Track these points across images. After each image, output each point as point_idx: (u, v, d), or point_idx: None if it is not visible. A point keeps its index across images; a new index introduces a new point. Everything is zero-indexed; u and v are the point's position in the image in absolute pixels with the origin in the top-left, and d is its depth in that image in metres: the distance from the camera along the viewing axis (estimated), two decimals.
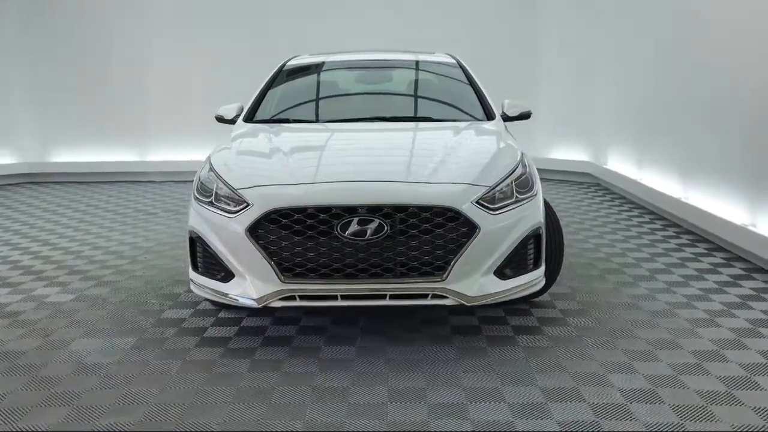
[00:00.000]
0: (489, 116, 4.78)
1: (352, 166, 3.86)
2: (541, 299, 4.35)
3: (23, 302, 4.48)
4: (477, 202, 3.49)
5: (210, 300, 4.01)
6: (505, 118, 4.86)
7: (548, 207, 4.10)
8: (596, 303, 4.36)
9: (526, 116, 4.95)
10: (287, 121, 4.83)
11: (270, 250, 3.44)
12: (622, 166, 8.38)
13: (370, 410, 2.99)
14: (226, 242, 3.55)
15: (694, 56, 6.39)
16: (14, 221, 7.17)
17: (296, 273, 3.44)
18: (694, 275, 4.93)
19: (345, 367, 3.43)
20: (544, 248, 3.83)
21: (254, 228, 3.44)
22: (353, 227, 3.38)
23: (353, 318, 4.08)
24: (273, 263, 3.43)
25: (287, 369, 3.41)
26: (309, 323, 4.03)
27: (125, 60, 9.96)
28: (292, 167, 3.76)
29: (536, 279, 3.79)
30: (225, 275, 3.62)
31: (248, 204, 3.50)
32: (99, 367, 3.45)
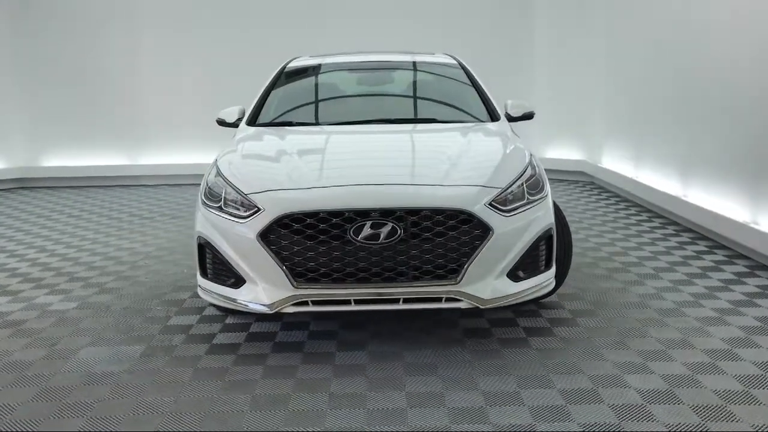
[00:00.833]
0: (493, 117, 4.76)
1: (363, 169, 3.81)
2: (549, 300, 4.34)
3: (25, 311, 4.41)
4: (490, 204, 3.47)
5: (216, 306, 3.97)
6: (509, 119, 4.84)
7: (556, 207, 4.09)
8: (604, 302, 4.36)
9: (530, 116, 4.93)
10: (291, 124, 4.75)
11: (282, 256, 3.40)
12: (618, 164, 8.40)
13: (390, 416, 2.96)
14: (237, 248, 3.51)
15: (690, 52, 6.41)
16: (7, 227, 7.06)
17: (309, 278, 3.41)
18: (698, 273, 4.94)
19: (360, 373, 3.40)
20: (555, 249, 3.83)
21: (266, 233, 3.40)
22: (366, 231, 3.34)
23: (361, 322, 4.05)
24: (285, 268, 3.40)
25: (301, 375, 3.38)
26: (318, 328, 3.99)
27: (116, 62, 9.85)
28: (302, 171, 3.72)
29: (548, 280, 3.78)
30: (235, 281, 3.58)
31: (259, 209, 3.45)
32: (109, 377, 3.40)
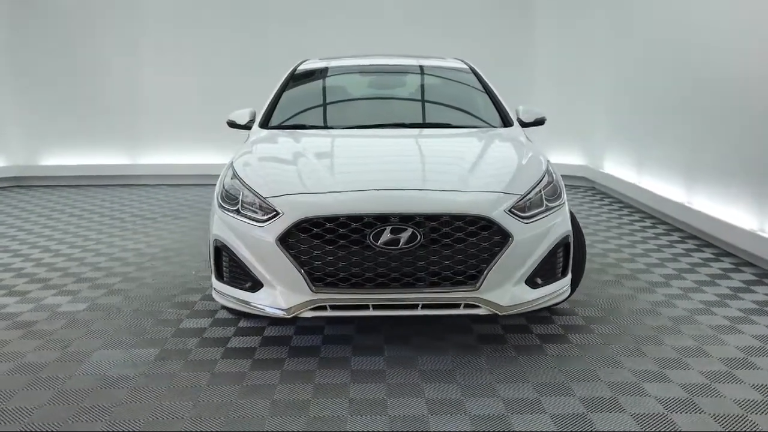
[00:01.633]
0: (506, 123, 4.75)
1: (383, 174, 3.79)
2: (561, 306, 4.34)
3: (34, 312, 4.37)
4: (509, 211, 3.47)
5: (229, 309, 3.95)
6: (521, 125, 4.84)
7: (571, 214, 4.09)
8: (617, 309, 4.36)
9: (541, 122, 4.94)
10: (306, 128, 4.69)
11: (300, 260, 3.38)
12: (620, 170, 8.43)
13: (412, 423, 2.95)
14: (255, 251, 3.49)
15: (694, 56, 6.44)
16: (9, 227, 7.01)
17: (327, 283, 3.40)
18: (707, 281, 4.96)
19: (378, 378, 3.38)
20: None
21: (285, 237, 3.38)
22: (386, 236, 3.33)
23: (376, 326, 4.04)
24: (304, 273, 3.38)
25: (320, 380, 3.36)
26: (332, 332, 3.98)
27: (115, 61, 9.80)
28: (321, 175, 3.70)
29: (564, 287, 3.78)
30: (252, 285, 3.55)
31: (278, 213, 3.43)
32: (125, 380, 3.37)
